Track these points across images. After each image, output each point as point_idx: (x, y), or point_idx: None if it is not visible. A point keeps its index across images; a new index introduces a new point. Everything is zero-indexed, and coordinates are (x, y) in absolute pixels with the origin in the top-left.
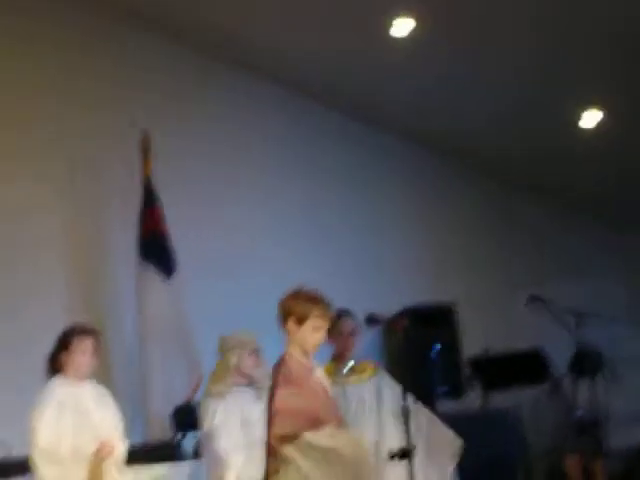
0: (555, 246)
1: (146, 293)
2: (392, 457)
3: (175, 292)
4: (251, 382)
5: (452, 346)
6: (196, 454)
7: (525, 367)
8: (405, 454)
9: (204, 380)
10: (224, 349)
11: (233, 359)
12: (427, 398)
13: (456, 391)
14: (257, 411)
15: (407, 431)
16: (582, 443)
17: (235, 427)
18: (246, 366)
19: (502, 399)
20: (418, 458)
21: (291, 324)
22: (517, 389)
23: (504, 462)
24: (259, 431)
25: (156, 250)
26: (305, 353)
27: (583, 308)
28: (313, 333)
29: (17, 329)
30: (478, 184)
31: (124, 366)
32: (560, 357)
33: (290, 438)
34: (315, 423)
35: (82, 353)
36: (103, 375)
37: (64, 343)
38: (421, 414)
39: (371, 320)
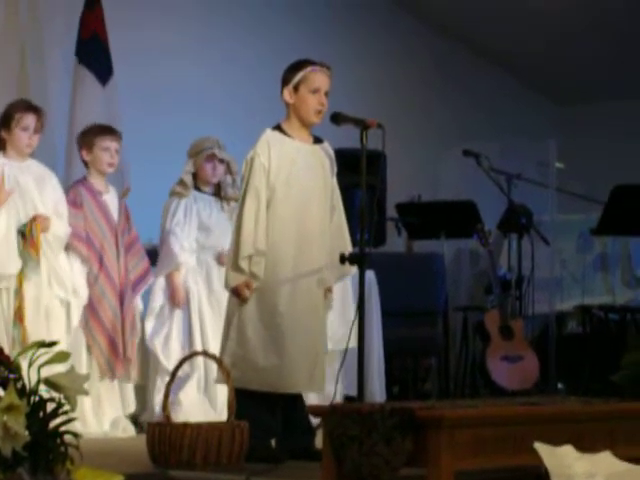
0: (492, 109)
1: (81, 97)
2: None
3: (110, 100)
4: (217, 191)
5: (378, 193)
6: None
7: (455, 218)
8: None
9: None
10: (188, 155)
11: (188, 164)
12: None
13: (378, 238)
14: (216, 219)
15: None
16: (502, 301)
17: (193, 229)
18: (204, 173)
19: (426, 247)
20: None
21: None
22: (443, 239)
23: (424, 309)
24: (214, 238)
25: (94, 53)
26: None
27: (514, 170)
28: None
29: None
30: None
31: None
32: (488, 216)
33: None
34: None
35: (23, 130)
36: None
37: (5, 119)
38: None
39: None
